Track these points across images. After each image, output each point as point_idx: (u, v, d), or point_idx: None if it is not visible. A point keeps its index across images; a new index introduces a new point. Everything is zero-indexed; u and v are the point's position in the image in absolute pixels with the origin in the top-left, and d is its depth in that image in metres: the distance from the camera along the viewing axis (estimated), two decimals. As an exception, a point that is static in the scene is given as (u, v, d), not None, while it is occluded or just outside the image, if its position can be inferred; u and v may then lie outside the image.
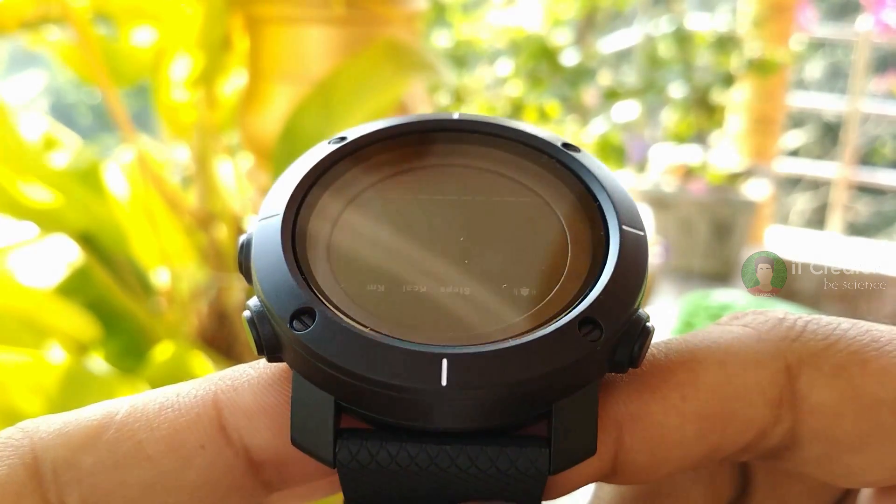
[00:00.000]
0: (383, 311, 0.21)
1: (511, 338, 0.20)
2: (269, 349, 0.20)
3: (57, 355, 0.90)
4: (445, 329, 0.20)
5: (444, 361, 0.19)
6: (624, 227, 0.22)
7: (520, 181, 0.23)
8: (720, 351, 0.21)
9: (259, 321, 0.20)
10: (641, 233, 0.22)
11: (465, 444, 0.20)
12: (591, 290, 0.20)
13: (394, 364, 0.19)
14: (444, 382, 0.19)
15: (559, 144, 0.23)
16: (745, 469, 0.25)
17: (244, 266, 0.22)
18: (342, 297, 0.21)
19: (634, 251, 0.21)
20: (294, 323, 0.20)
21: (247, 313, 0.21)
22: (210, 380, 0.21)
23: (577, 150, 0.23)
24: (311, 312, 0.20)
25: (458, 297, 0.21)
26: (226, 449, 0.20)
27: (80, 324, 0.98)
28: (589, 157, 0.23)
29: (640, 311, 0.21)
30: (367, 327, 0.20)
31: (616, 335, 0.20)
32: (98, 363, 0.94)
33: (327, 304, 0.20)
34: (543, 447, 0.20)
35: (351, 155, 0.23)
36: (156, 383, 0.87)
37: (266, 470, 0.21)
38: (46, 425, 0.20)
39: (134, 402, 0.21)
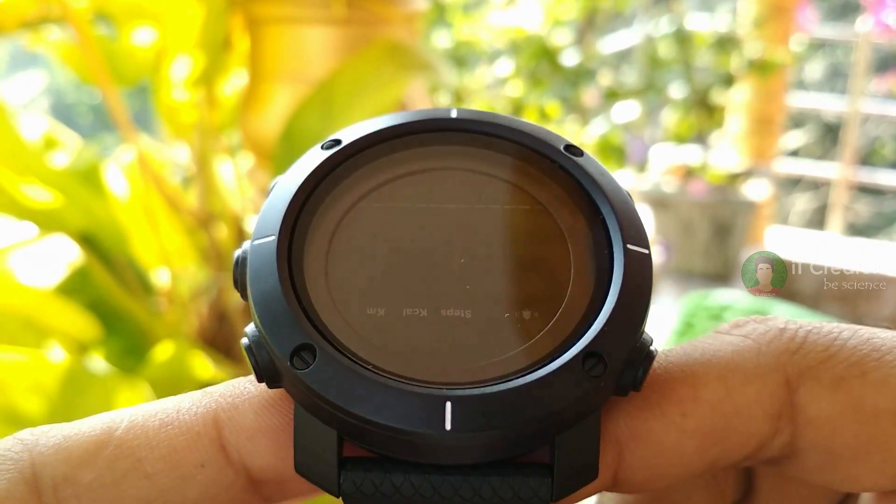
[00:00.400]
0: (384, 340, 0.20)
1: (514, 375, 0.19)
2: (270, 379, 0.20)
3: (57, 355, 0.90)
4: (448, 361, 0.20)
5: (448, 405, 0.19)
6: (628, 245, 0.21)
7: (521, 187, 0.23)
8: (720, 365, 0.21)
9: (258, 350, 0.20)
10: (646, 251, 0.21)
11: (468, 475, 0.20)
12: (594, 321, 0.20)
13: (397, 408, 0.19)
14: (448, 427, 0.18)
15: (562, 147, 0.23)
16: (748, 472, 0.25)
17: (240, 283, 0.21)
18: (342, 327, 0.20)
19: (639, 275, 0.21)
20: (294, 360, 0.19)
21: (245, 341, 0.20)
22: (210, 395, 0.21)
23: (580, 153, 0.23)
24: (311, 349, 0.19)
25: (459, 323, 0.20)
26: (226, 468, 0.20)
27: (81, 323, 0.98)
28: (592, 162, 0.23)
29: (644, 335, 0.20)
30: (368, 365, 0.19)
31: (620, 366, 0.20)
32: (98, 363, 0.93)
33: (327, 339, 0.20)
34: (545, 476, 0.20)
35: (345, 162, 0.22)
36: (156, 383, 0.88)
37: (266, 487, 0.21)
38: (46, 438, 0.20)
39: (134, 416, 0.20)
